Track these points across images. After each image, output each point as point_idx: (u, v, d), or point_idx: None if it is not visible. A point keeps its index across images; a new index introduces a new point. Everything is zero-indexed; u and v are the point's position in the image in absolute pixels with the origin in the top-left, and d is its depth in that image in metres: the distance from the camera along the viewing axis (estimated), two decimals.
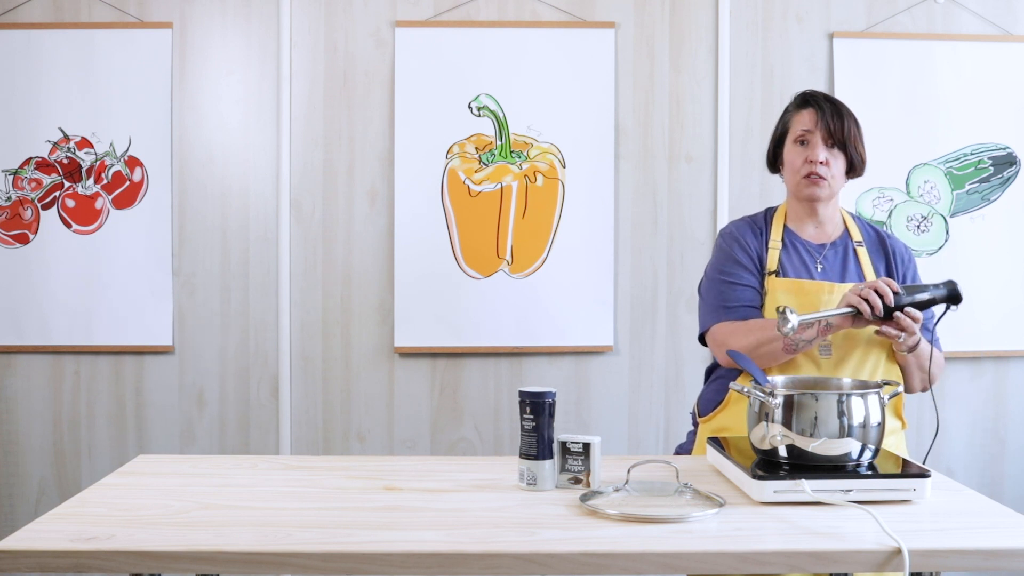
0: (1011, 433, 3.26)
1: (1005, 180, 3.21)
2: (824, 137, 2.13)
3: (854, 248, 2.19)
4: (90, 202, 3.14)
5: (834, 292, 2.09)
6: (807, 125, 2.15)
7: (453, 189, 3.15)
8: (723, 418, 2.16)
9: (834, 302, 2.08)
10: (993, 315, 3.19)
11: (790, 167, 2.19)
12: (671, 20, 3.18)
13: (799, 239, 2.20)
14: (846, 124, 2.13)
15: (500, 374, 3.19)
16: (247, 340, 3.18)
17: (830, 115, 2.13)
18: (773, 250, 2.17)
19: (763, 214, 2.28)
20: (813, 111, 2.15)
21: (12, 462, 3.18)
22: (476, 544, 1.42)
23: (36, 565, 1.39)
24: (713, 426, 2.18)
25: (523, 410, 1.75)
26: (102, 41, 3.12)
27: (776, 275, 2.14)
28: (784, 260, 2.16)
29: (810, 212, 2.19)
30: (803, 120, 2.16)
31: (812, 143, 2.14)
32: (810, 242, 2.19)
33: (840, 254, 2.18)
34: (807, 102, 2.18)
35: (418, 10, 3.15)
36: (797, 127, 2.17)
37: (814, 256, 2.17)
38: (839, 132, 2.12)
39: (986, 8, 3.20)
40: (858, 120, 2.17)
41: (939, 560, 1.41)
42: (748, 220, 2.27)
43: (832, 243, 2.19)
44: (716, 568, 1.40)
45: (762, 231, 2.22)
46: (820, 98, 2.17)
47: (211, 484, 1.78)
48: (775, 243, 2.18)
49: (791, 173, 2.18)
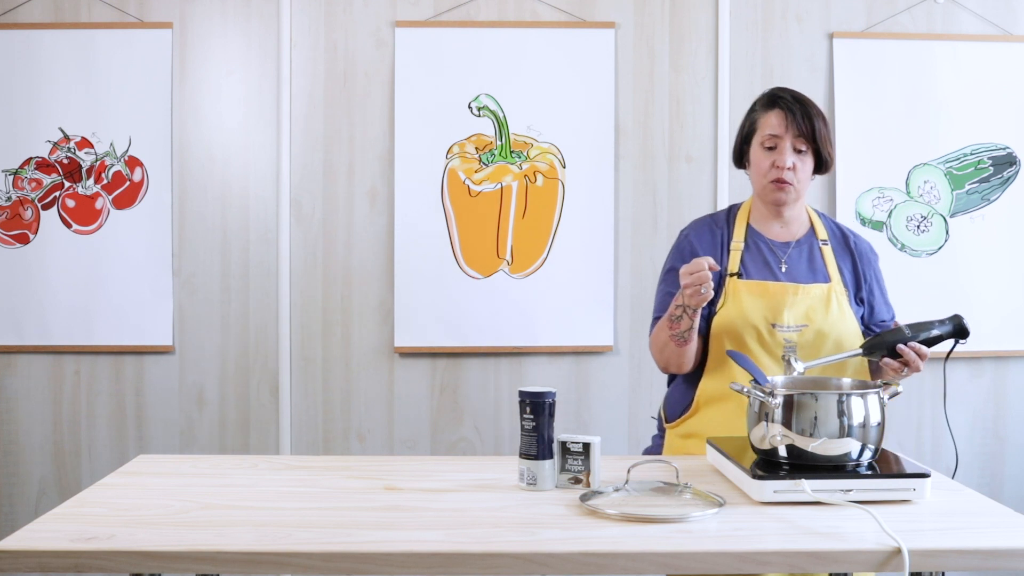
0: (1011, 433, 3.26)
1: (1005, 180, 3.21)
2: (793, 141, 2.09)
3: (819, 247, 2.17)
4: (90, 202, 3.14)
5: (798, 294, 2.08)
6: (776, 129, 2.10)
7: (453, 189, 3.15)
8: (693, 423, 2.13)
9: (799, 303, 2.06)
10: (993, 315, 3.19)
11: (757, 169, 2.14)
12: (671, 20, 3.18)
13: (763, 238, 2.17)
14: (816, 125, 2.08)
15: (500, 374, 3.19)
16: (247, 340, 3.18)
17: (800, 117, 2.08)
18: (735, 251, 2.15)
19: (725, 213, 2.25)
20: (782, 114, 2.10)
21: (12, 462, 3.18)
22: (476, 544, 1.43)
23: (36, 565, 1.39)
24: (681, 431, 2.16)
25: (523, 410, 1.75)
26: (102, 41, 3.12)
27: (739, 276, 2.11)
28: (747, 261, 2.14)
29: (776, 213, 2.17)
30: (771, 123, 2.11)
31: (780, 148, 2.09)
32: (774, 240, 2.17)
33: (805, 253, 2.16)
34: (775, 103, 2.12)
35: (418, 10, 3.15)
36: (765, 129, 2.12)
37: (778, 256, 2.15)
38: (809, 134, 2.08)
39: (986, 8, 3.20)
40: (825, 117, 2.13)
41: (939, 560, 1.41)
42: (709, 221, 2.24)
43: (797, 241, 2.17)
44: (716, 568, 1.40)
45: (723, 231, 2.19)
46: (789, 99, 2.11)
47: (211, 484, 1.78)
48: (737, 243, 2.16)
49: (758, 175, 2.14)
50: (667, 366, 2.16)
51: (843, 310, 2.10)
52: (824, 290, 2.10)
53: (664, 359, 2.14)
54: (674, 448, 2.17)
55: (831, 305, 2.09)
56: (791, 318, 2.06)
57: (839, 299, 2.10)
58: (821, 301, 2.09)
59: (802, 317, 2.07)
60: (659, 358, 2.16)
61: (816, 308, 2.08)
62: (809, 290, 2.09)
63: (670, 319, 2.05)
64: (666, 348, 2.10)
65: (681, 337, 2.05)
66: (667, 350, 2.11)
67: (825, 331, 2.06)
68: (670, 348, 2.09)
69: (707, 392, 2.11)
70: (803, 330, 2.06)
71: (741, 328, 2.06)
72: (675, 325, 2.04)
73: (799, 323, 2.06)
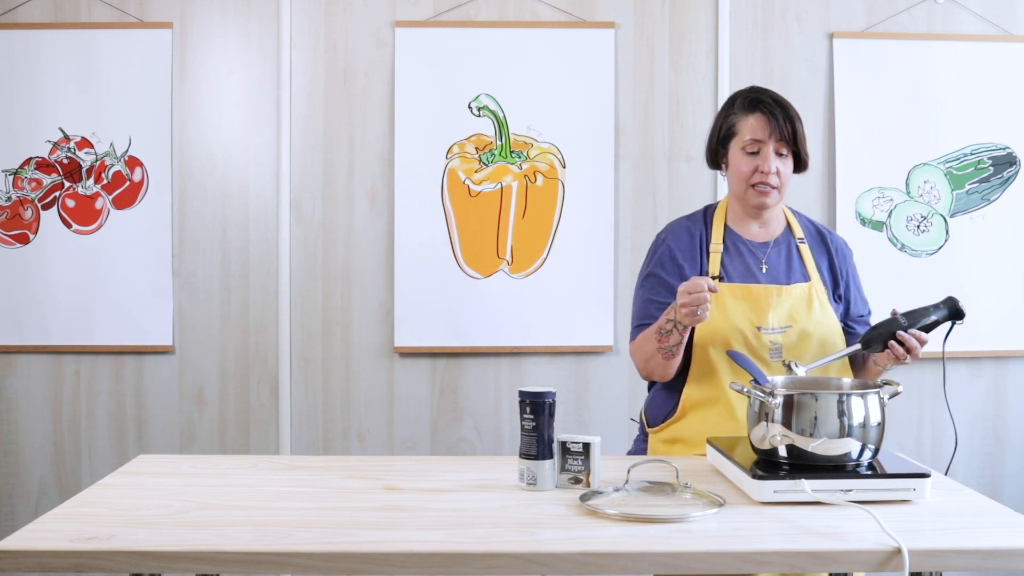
0: (1011, 433, 3.26)
1: (1005, 180, 3.21)
2: (776, 145, 2.07)
3: (797, 245, 2.16)
4: (90, 202, 3.14)
5: (781, 295, 2.07)
6: (758, 134, 2.07)
7: (453, 189, 3.15)
8: (678, 429, 2.12)
9: (782, 305, 2.06)
10: (993, 315, 3.18)
11: (737, 173, 2.12)
12: (671, 20, 3.18)
13: (741, 239, 2.15)
14: (796, 128, 2.07)
15: (500, 374, 3.19)
16: (247, 340, 3.18)
17: (782, 121, 2.06)
18: (714, 254, 2.13)
19: (702, 213, 2.22)
20: (765, 118, 2.07)
21: (12, 462, 3.18)
22: (476, 544, 1.42)
23: (36, 565, 1.39)
24: (665, 436, 2.14)
25: (523, 410, 1.75)
26: (102, 41, 3.12)
27: (720, 280, 2.09)
28: (727, 263, 2.12)
29: (755, 214, 2.15)
30: (752, 127, 2.08)
31: (764, 154, 2.07)
32: (753, 241, 2.15)
33: (784, 252, 2.15)
34: (755, 106, 2.09)
35: (418, 10, 3.15)
36: (746, 133, 2.08)
37: (758, 256, 2.13)
38: (791, 138, 2.07)
39: (986, 8, 3.20)
40: (800, 116, 2.10)
41: (939, 560, 1.41)
42: (686, 223, 2.21)
43: (775, 240, 2.16)
44: (716, 568, 1.40)
45: (701, 233, 2.17)
46: (770, 102, 2.08)
47: (211, 484, 1.78)
48: (716, 246, 2.14)
49: (738, 179, 2.12)
50: (650, 375, 2.13)
51: (824, 308, 2.10)
52: (805, 289, 2.10)
53: (648, 369, 2.12)
54: (658, 453, 2.15)
55: (813, 304, 2.09)
56: (775, 320, 2.06)
57: (820, 297, 2.10)
58: (803, 301, 2.09)
59: (786, 318, 2.06)
60: (643, 368, 2.14)
61: (799, 308, 2.08)
62: (791, 290, 2.08)
63: (659, 332, 2.03)
64: (652, 359, 2.08)
65: (669, 351, 2.04)
66: (653, 361, 2.08)
67: (809, 330, 2.06)
68: (656, 359, 2.07)
69: (692, 398, 2.10)
70: (787, 331, 2.06)
71: (727, 333, 2.05)
72: (664, 339, 2.02)
73: (783, 324, 2.06)
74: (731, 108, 2.15)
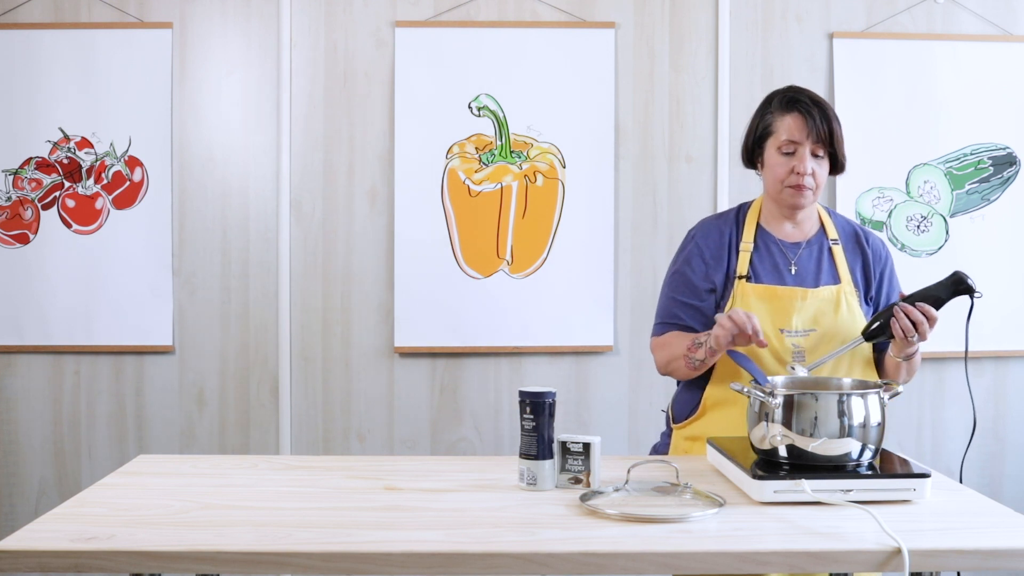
0: (1011, 433, 3.26)
1: (1005, 180, 3.21)
2: (812, 147, 2.05)
3: (829, 247, 2.15)
4: (90, 202, 3.14)
5: (807, 298, 2.06)
6: (795, 135, 2.05)
7: (453, 189, 3.15)
8: (699, 426, 2.12)
9: (807, 308, 2.05)
10: (993, 315, 3.18)
11: (773, 174, 2.09)
12: (671, 20, 3.18)
13: (773, 239, 2.14)
14: (833, 128, 2.06)
15: (500, 374, 3.19)
16: (247, 340, 3.18)
17: (819, 121, 2.04)
18: (744, 252, 2.12)
19: (735, 212, 2.21)
20: (802, 118, 2.05)
21: (12, 462, 3.18)
22: (476, 544, 1.43)
23: (36, 565, 1.39)
24: (687, 433, 2.15)
25: (523, 410, 1.75)
26: (102, 41, 3.12)
27: (747, 279, 2.09)
28: (756, 263, 2.11)
29: (789, 214, 2.14)
30: (789, 127, 2.06)
31: (800, 155, 2.05)
32: (785, 241, 2.14)
33: (815, 254, 2.14)
34: (793, 106, 2.07)
35: (418, 10, 3.15)
36: (783, 134, 2.06)
37: (788, 257, 2.12)
38: (827, 139, 2.05)
39: (986, 8, 3.20)
40: (838, 116, 2.10)
41: (939, 560, 1.41)
42: (716, 221, 2.21)
43: (807, 241, 2.15)
44: (716, 568, 1.40)
45: (732, 231, 2.16)
46: (807, 101, 2.07)
47: (211, 484, 1.78)
48: (746, 245, 2.13)
49: (773, 180, 2.10)
50: (669, 374, 2.16)
51: (852, 311, 2.08)
52: (833, 292, 2.08)
53: (669, 369, 2.14)
54: (680, 449, 2.17)
55: (840, 307, 2.07)
56: (799, 322, 2.05)
57: (848, 300, 2.08)
58: (830, 303, 2.07)
59: (810, 321, 2.05)
60: (663, 367, 2.16)
61: (824, 311, 2.06)
62: (818, 293, 2.07)
63: (694, 343, 2.04)
64: (674, 362, 2.10)
65: (694, 363, 2.05)
66: (675, 363, 2.10)
67: (832, 334, 2.05)
68: (679, 363, 2.09)
69: (714, 396, 2.10)
70: (811, 334, 2.04)
71: None
72: (694, 349, 2.04)
73: (807, 327, 2.05)
74: (768, 107, 2.12)
